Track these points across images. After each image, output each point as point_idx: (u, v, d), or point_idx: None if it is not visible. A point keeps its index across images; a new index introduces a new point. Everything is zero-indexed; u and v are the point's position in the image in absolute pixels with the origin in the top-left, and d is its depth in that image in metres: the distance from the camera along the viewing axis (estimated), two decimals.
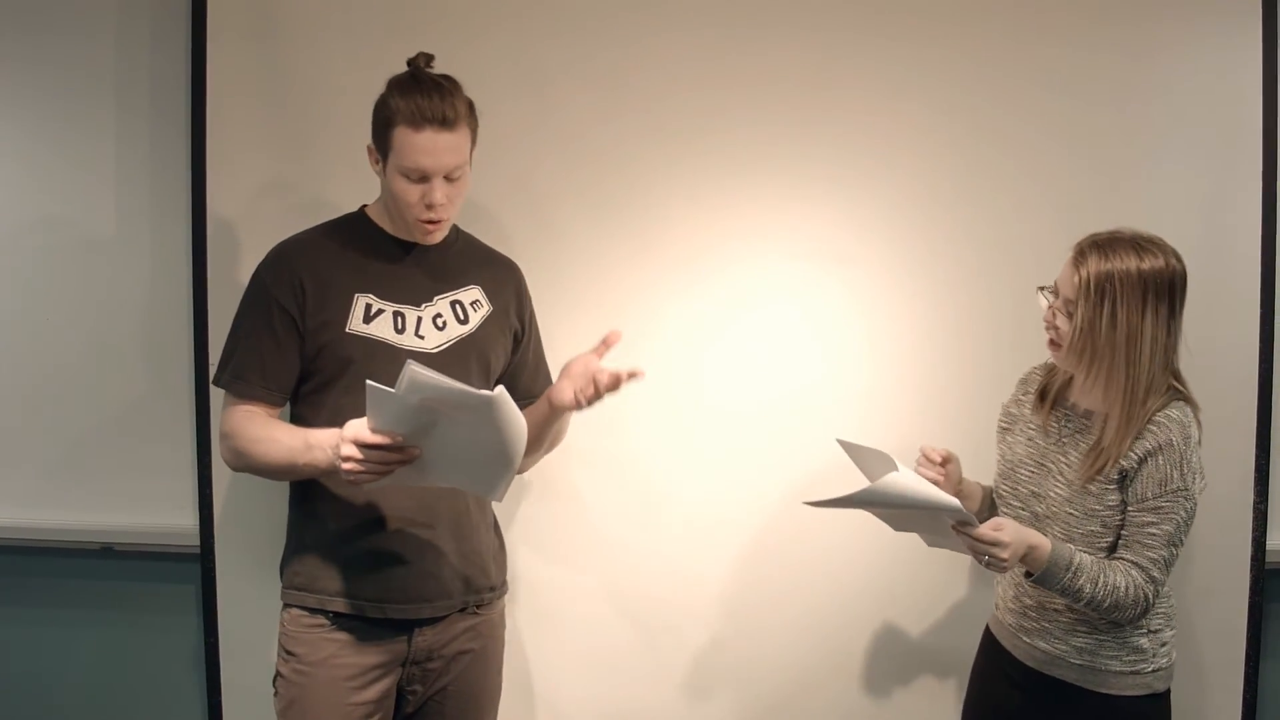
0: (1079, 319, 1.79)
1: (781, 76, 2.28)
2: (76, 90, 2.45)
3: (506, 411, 1.66)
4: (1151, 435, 1.78)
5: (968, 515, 1.71)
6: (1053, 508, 1.86)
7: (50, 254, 2.48)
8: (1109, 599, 1.76)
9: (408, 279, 1.97)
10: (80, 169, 2.46)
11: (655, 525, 2.32)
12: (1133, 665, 1.84)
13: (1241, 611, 2.24)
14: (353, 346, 1.91)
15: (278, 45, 2.35)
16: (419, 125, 1.82)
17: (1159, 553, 1.78)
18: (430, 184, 1.86)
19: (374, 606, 1.93)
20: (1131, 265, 1.77)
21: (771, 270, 2.30)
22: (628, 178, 2.32)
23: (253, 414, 1.91)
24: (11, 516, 2.51)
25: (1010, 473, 1.95)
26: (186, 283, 2.41)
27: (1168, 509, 1.78)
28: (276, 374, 1.92)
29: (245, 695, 2.37)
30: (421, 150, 1.83)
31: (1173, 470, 1.78)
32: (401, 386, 1.61)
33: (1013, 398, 2.04)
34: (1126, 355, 1.78)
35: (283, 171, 2.35)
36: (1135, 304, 1.77)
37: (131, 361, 2.47)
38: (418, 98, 1.83)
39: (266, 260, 1.97)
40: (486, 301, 2.03)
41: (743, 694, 2.34)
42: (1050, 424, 1.92)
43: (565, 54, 2.32)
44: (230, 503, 2.39)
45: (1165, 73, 2.24)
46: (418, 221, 1.91)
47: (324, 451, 1.77)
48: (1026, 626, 1.91)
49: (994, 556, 1.71)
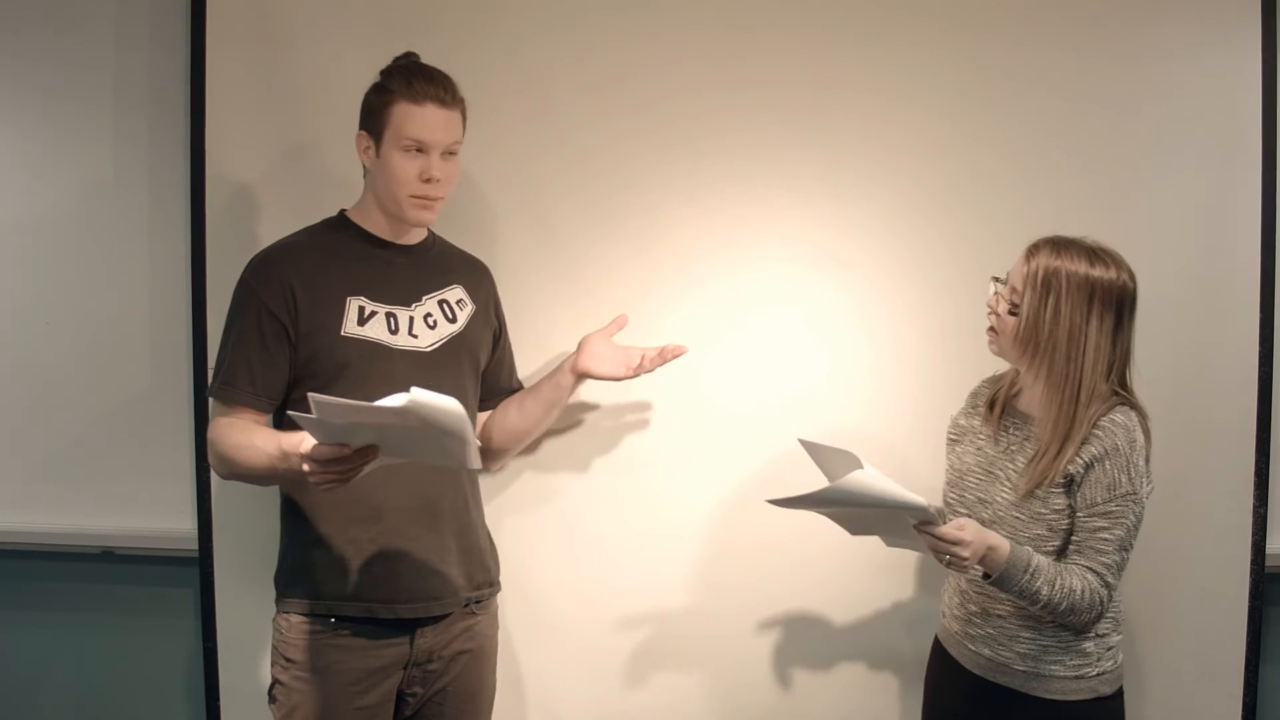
0: (1024, 309, 1.81)
1: (780, 79, 2.28)
2: (75, 90, 2.46)
3: (426, 408, 1.59)
4: (1097, 440, 1.79)
5: (931, 514, 1.69)
6: (999, 513, 1.86)
7: (49, 257, 2.49)
8: (1065, 602, 1.77)
9: (395, 279, 1.99)
10: (79, 169, 2.47)
11: (651, 529, 2.32)
12: (1077, 670, 1.84)
13: (1242, 616, 2.23)
14: (349, 349, 1.92)
15: (277, 45, 2.35)
16: (420, 100, 1.89)
17: (1112, 557, 1.79)
18: (429, 157, 1.90)
19: (384, 607, 1.93)
20: (1081, 269, 1.80)
21: (770, 273, 2.30)
22: (626, 180, 2.32)
23: (235, 423, 1.90)
24: (10, 520, 2.51)
25: (958, 481, 1.95)
26: (185, 286, 2.41)
27: (1118, 513, 1.78)
28: (265, 381, 1.92)
29: (244, 699, 2.37)
30: (422, 122, 1.89)
31: (1120, 475, 1.78)
32: (314, 413, 1.59)
33: (961, 410, 2.05)
34: (1067, 353, 1.80)
35: (282, 172, 2.35)
36: (1080, 305, 1.79)
37: (130, 365, 2.47)
38: (417, 79, 1.91)
39: (253, 267, 1.96)
40: (470, 300, 2.07)
41: (734, 696, 2.34)
42: (999, 433, 1.93)
43: (564, 56, 2.32)
44: (229, 507, 2.38)
45: (1165, 76, 2.23)
46: (412, 199, 1.92)
47: (297, 458, 1.75)
48: (972, 634, 1.92)
49: (955, 555, 1.71)
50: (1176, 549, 2.24)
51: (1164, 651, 2.26)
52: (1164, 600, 2.25)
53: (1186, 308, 2.24)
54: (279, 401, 1.95)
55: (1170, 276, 2.21)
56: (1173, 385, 2.22)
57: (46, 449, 2.50)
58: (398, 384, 1.90)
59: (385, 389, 1.88)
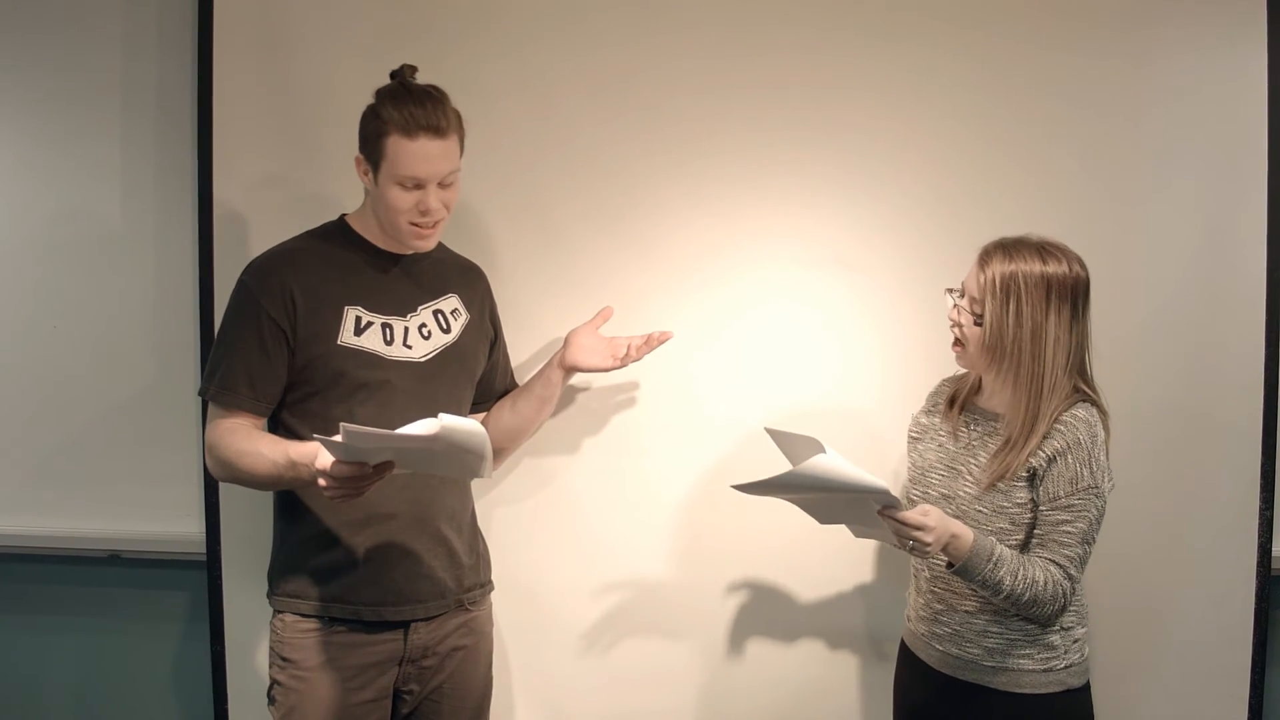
0: (988, 318, 1.84)
1: (786, 79, 2.28)
2: (83, 94, 2.46)
3: (455, 433, 1.63)
4: (1059, 435, 1.81)
5: (893, 499, 1.69)
6: (962, 507, 1.87)
7: (56, 261, 2.49)
8: (1028, 593, 1.77)
9: (392, 290, 1.99)
10: (86, 174, 2.47)
11: (649, 526, 2.32)
12: (1045, 663, 1.85)
13: (1248, 618, 2.23)
14: (344, 359, 1.92)
15: (283, 49, 2.35)
16: (413, 134, 1.85)
17: (1074, 550, 1.80)
18: (425, 191, 1.89)
19: (370, 610, 1.94)
20: (1035, 268, 1.82)
21: (775, 274, 2.30)
22: (629, 180, 2.32)
23: (236, 427, 1.90)
24: (17, 524, 2.51)
25: (921, 478, 1.97)
26: (193, 289, 2.42)
27: (1080, 506, 1.80)
28: (264, 385, 1.92)
29: (251, 702, 2.36)
30: (417, 158, 1.86)
31: (1082, 469, 1.80)
32: (344, 440, 1.61)
33: (922, 409, 2.07)
34: (1032, 352, 1.82)
35: (289, 175, 2.36)
36: (1039, 304, 1.81)
37: (137, 368, 2.47)
38: (410, 106, 1.86)
39: (252, 271, 1.96)
40: (464, 309, 2.07)
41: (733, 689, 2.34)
42: (960, 429, 1.95)
43: (567, 56, 2.32)
44: (235, 510, 2.38)
45: (1171, 78, 2.24)
46: (410, 227, 1.92)
47: (307, 469, 1.77)
48: (938, 633, 1.92)
49: (918, 540, 1.72)
50: (1182, 551, 2.24)
51: (1169, 653, 2.26)
52: (1170, 602, 2.25)
53: (1192, 310, 2.24)
54: (275, 405, 1.95)
55: (1176, 279, 2.22)
56: (1179, 388, 2.23)
57: (53, 452, 2.50)
58: (392, 393, 1.93)
59: (379, 397, 1.91)
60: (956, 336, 1.92)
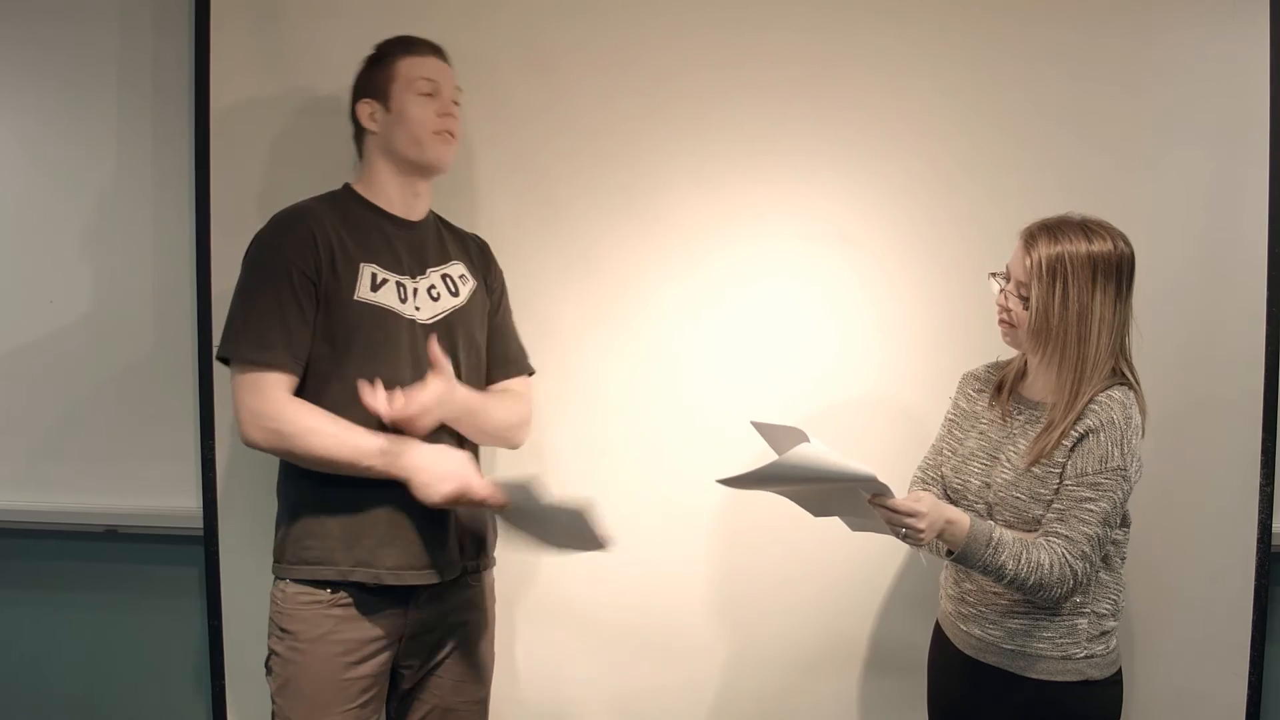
0: (1034, 301, 1.81)
1: (786, 57, 2.28)
2: (80, 74, 2.45)
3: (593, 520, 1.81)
4: (1093, 414, 1.79)
5: (883, 486, 1.66)
6: (1000, 494, 1.84)
7: (53, 238, 2.48)
8: (1033, 576, 1.74)
9: (403, 251, 2.00)
10: (83, 150, 2.46)
11: (652, 507, 2.32)
12: (1064, 649, 1.81)
13: (1248, 594, 2.23)
14: (360, 314, 1.92)
15: (281, 29, 2.35)
16: (423, 53, 2.02)
17: (1093, 529, 1.76)
18: (443, 97, 2.01)
19: (391, 574, 1.92)
20: (1081, 247, 1.79)
21: (777, 251, 2.30)
22: (631, 159, 2.31)
23: (302, 403, 1.87)
24: (15, 499, 2.51)
25: (962, 466, 1.93)
26: (190, 266, 2.41)
27: (1106, 486, 1.76)
28: (300, 342, 1.89)
29: (249, 677, 2.37)
30: (429, 67, 2.01)
31: (1113, 448, 1.77)
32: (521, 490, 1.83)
33: (961, 393, 2.03)
34: (1078, 334, 1.80)
35: (287, 155, 2.35)
36: (1086, 284, 1.79)
37: (134, 344, 2.47)
38: (414, 43, 2.03)
39: (273, 227, 1.95)
40: (471, 276, 2.08)
41: (730, 683, 2.35)
42: (1006, 416, 1.92)
43: (570, 35, 2.32)
44: (233, 485, 2.39)
45: (1172, 56, 2.23)
46: (435, 136, 1.99)
47: (396, 460, 1.86)
48: (964, 613, 1.90)
49: (911, 528, 1.68)
50: (1183, 528, 2.24)
51: (1170, 630, 2.26)
52: (1170, 579, 2.25)
53: (1193, 288, 2.23)
54: (304, 366, 1.91)
55: (1177, 257, 2.21)
56: (1179, 365, 2.22)
57: (50, 428, 2.50)
58: (401, 352, 1.91)
59: (389, 356, 1.90)
60: (1003, 318, 1.89)
